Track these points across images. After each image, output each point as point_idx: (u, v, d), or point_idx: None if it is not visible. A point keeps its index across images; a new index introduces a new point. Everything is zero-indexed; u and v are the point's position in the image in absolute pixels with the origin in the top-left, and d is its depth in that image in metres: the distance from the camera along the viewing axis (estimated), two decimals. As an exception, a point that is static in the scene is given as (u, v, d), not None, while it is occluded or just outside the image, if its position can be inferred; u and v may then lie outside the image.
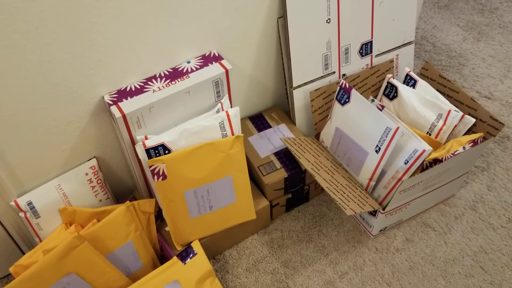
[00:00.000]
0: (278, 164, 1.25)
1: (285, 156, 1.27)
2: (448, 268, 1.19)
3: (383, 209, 1.17)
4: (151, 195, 1.23)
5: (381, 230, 1.26)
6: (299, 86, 1.27)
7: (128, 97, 1.04)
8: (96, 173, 1.14)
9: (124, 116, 1.01)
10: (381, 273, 1.20)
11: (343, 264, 1.22)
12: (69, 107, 1.03)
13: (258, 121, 1.37)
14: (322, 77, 1.29)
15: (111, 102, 1.03)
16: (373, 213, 1.21)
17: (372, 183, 1.20)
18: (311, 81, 1.28)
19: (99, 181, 1.15)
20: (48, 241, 1.09)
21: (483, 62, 1.76)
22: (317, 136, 1.35)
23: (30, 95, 0.96)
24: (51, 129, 1.04)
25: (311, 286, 1.18)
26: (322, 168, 1.22)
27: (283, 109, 1.41)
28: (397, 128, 1.09)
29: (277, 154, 1.28)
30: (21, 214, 1.07)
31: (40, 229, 1.10)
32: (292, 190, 1.29)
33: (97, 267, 1.03)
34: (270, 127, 1.35)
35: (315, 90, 1.27)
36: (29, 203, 1.06)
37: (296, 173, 1.24)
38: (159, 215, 1.20)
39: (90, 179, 1.14)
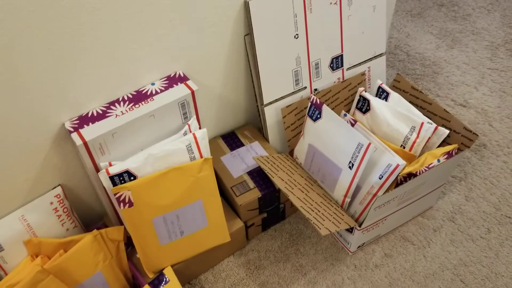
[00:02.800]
0: (251, 184, 1.22)
1: (258, 175, 1.24)
2: (429, 283, 1.17)
3: (360, 226, 1.15)
4: (121, 221, 1.19)
5: (359, 246, 1.24)
6: (270, 103, 1.24)
7: (90, 123, 1.01)
8: (61, 201, 1.10)
9: (85, 144, 0.97)
10: (360, 291, 1.17)
11: (321, 284, 1.19)
12: (29, 137, 0.99)
13: (231, 140, 1.34)
14: (293, 92, 1.27)
15: (72, 129, 1.00)
16: (350, 230, 1.18)
17: (347, 199, 1.17)
18: (282, 98, 1.26)
19: (65, 210, 1.11)
20: (13, 275, 1.04)
21: (458, 69, 1.75)
22: (291, 153, 1.33)
23: (-14, 126, 0.92)
24: (10, 158, 1.00)
25: (289, 309, 1.15)
26: (296, 186, 1.19)
27: (256, 126, 1.38)
28: (369, 144, 1.07)
29: (250, 173, 1.25)
30: (-17, 249, 1.02)
31: (4, 263, 1.06)
32: (267, 209, 1.26)
33: (63, 301, 0.99)
34: (243, 145, 1.32)
35: (287, 106, 1.25)
36: (-9, 237, 1.02)
37: (270, 192, 1.21)
38: (129, 242, 1.16)
39: (56, 208, 1.10)
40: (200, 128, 1.15)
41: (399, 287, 1.17)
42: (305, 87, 1.28)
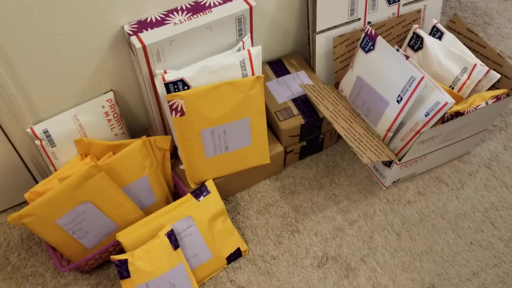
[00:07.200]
0: (295, 111, 1.24)
1: (302, 103, 1.26)
2: (458, 222, 1.20)
3: (399, 161, 1.16)
4: (166, 133, 1.23)
5: (393, 182, 1.26)
6: (322, 31, 1.23)
7: (149, 28, 1.02)
8: (112, 106, 1.13)
9: (144, 47, 0.99)
10: (391, 223, 1.20)
11: (353, 213, 1.23)
12: (88, 35, 1.00)
13: (277, 67, 1.34)
14: (346, 23, 1.25)
15: (131, 33, 1.01)
16: (388, 164, 1.21)
17: (390, 134, 1.18)
18: (335, 27, 1.25)
19: (115, 115, 1.14)
20: (63, 171, 1.09)
21: (509, 22, 1.71)
22: (336, 86, 1.33)
23: (49, 19, 0.93)
24: (69, 57, 1.02)
25: (320, 231, 1.19)
26: (340, 116, 1.20)
27: (302, 56, 1.38)
28: (422, 78, 1.06)
29: (295, 100, 1.26)
30: (37, 142, 1.07)
31: (55, 158, 1.10)
32: (308, 138, 1.28)
33: (113, 198, 1.04)
34: (289, 73, 1.32)
35: (339, 36, 1.24)
36: (45, 131, 1.06)
37: (313, 121, 1.23)
38: (174, 153, 1.19)
39: (107, 112, 1.13)
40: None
41: (429, 223, 1.20)
42: (359, 19, 1.26)
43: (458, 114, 1.12)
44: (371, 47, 1.17)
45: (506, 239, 1.17)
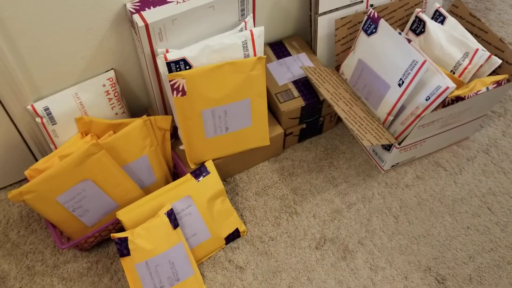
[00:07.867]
0: (296, 93, 1.24)
1: (303, 85, 1.25)
2: (456, 207, 1.21)
3: (399, 144, 1.17)
4: (166, 113, 1.22)
5: (392, 166, 1.27)
6: (324, 13, 1.23)
7: (151, 7, 1.01)
8: (113, 85, 1.13)
9: (146, 26, 0.98)
10: (389, 206, 1.21)
11: (351, 196, 1.24)
12: (90, 13, 0.99)
13: (278, 49, 1.34)
14: (349, 5, 1.24)
15: (133, 11, 1.00)
16: (387, 148, 1.21)
17: (390, 118, 1.19)
18: (337, 9, 1.24)
19: (116, 94, 1.14)
20: (64, 148, 1.09)
21: (510, 8, 1.70)
22: (337, 68, 1.33)
23: (51, -5, 0.92)
24: (70, 34, 1.01)
25: (318, 213, 1.20)
26: (341, 99, 1.20)
27: (304, 38, 1.37)
28: (424, 61, 1.06)
29: (295, 82, 1.26)
30: (38, 120, 1.06)
31: (56, 136, 1.10)
32: (307, 120, 1.28)
33: (113, 176, 1.04)
34: (290, 55, 1.32)
35: (341, 18, 1.23)
36: (46, 109, 1.05)
37: (314, 103, 1.23)
38: (174, 133, 1.19)
39: (107, 91, 1.12)
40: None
41: (427, 207, 1.21)
42: (362, 1, 1.26)
43: (458, 98, 1.13)
44: (373, 30, 1.16)
45: (503, 224, 1.18)
